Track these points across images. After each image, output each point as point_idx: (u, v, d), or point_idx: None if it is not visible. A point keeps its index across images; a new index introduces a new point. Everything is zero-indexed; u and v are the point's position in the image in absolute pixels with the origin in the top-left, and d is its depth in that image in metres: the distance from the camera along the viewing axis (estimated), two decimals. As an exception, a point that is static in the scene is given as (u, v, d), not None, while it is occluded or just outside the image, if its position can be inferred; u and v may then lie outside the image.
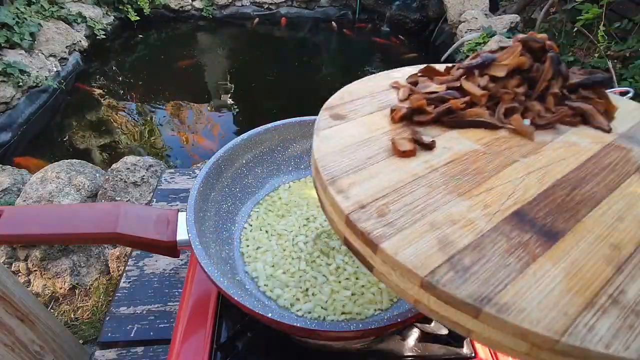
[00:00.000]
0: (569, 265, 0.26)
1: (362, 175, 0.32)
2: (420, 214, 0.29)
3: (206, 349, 0.46)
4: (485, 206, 0.30)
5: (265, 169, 0.66)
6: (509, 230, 0.28)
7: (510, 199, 0.31)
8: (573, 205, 0.31)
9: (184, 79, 3.12)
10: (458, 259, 0.25)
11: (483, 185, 0.32)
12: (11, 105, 2.30)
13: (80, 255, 1.44)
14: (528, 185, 0.32)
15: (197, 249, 0.44)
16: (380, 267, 0.27)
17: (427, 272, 0.24)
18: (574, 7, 2.57)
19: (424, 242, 0.26)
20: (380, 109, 0.42)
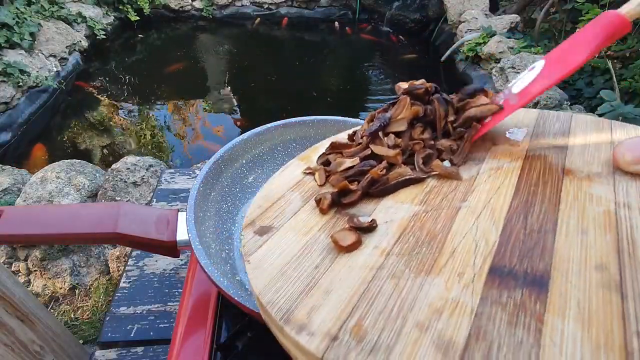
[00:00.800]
0: (578, 313, 0.24)
1: (316, 294, 0.28)
2: (401, 317, 0.25)
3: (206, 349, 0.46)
4: (460, 275, 0.28)
5: (265, 169, 0.66)
6: (497, 295, 0.26)
7: (478, 255, 0.29)
8: (536, 237, 0.30)
9: (184, 79, 3.13)
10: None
11: (444, 250, 0.30)
12: (11, 105, 2.30)
13: (80, 255, 1.44)
14: (485, 232, 0.31)
15: (197, 249, 0.44)
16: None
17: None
18: (574, 7, 2.57)
19: (423, 355, 0.23)
20: (304, 202, 0.39)
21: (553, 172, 0.37)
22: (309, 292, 0.28)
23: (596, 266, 0.27)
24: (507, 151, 0.41)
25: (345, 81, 3.24)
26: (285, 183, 0.43)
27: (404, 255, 0.30)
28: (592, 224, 0.30)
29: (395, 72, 3.34)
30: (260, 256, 0.33)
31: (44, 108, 2.52)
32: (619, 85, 2.06)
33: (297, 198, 0.40)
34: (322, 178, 0.41)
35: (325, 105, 2.88)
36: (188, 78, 3.16)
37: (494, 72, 2.53)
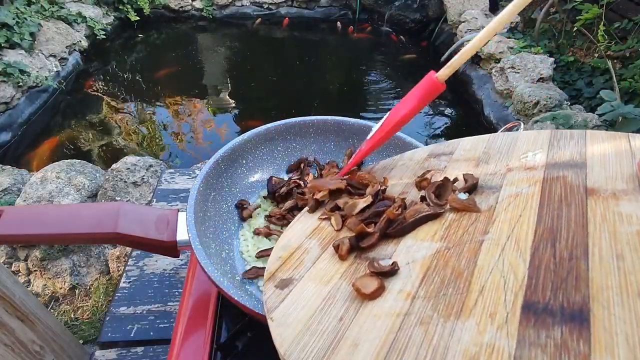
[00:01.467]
0: (628, 350, 0.21)
1: (344, 349, 0.27)
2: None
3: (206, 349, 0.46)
4: (491, 315, 0.26)
5: (265, 169, 0.66)
6: (535, 336, 0.24)
7: (508, 292, 0.27)
8: (568, 266, 0.28)
9: (184, 79, 3.12)
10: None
11: (472, 288, 0.28)
12: (11, 105, 2.30)
13: (80, 255, 1.44)
14: (512, 265, 0.29)
15: (197, 249, 0.44)
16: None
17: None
18: (574, 7, 2.57)
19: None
20: (322, 249, 0.38)
21: (575, 193, 0.34)
22: (335, 347, 0.27)
23: (639, 294, 0.25)
24: (523, 177, 0.39)
25: (345, 81, 3.24)
26: (301, 231, 0.42)
27: (430, 298, 0.29)
28: (627, 247, 0.28)
29: (395, 72, 3.34)
30: (283, 311, 0.32)
31: (44, 108, 2.52)
32: (619, 85, 2.06)
33: (315, 246, 0.39)
34: (338, 223, 0.41)
35: (326, 105, 2.88)
36: (188, 78, 3.15)
37: (494, 72, 2.53)
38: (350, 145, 0.67)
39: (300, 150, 0.68)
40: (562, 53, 2.67)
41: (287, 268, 0.37)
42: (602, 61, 2.31)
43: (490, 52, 2.63)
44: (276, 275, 0.36)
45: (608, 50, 2.41)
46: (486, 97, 2.55)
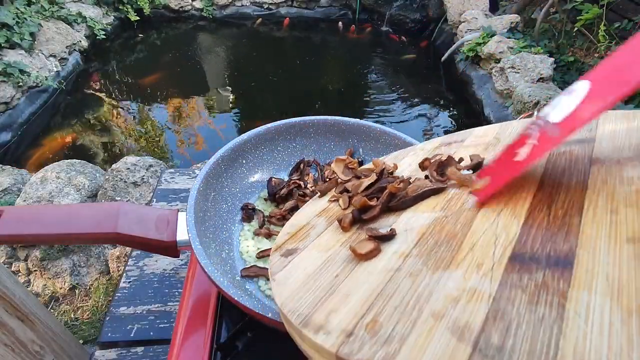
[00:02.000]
0: (607, 286, 0.22)
1: (336, 298, 0.28)
2: (416, 309, 0.25)
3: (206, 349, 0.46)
4: (478, 266, 0.27)
5: (265, 169, 0.66)
6: (517, 279, 0.24)
7: (498, 246, 0.28)
8: (561, 221, 0.28)
9: (184, 79, 3.12)
10: (485, 341, 0.21)
11: (463, 246, 0.29)
12: (11, 105, 2.30)
13: (80, 255, 1.44)
14: (506, 225, 0.30)
15: (197, 249, 0.44)
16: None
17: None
18: (574, 7, 2.57)
19: (437, 341, 0.22)
20: (328, 224, 0.40)
21: (579, 164, 0.34)
22: (328, 298, 0.29)
23: (628, 239, 0.24)
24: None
25: (345, 81, 3.24)
26: (311, 211, 0.44)
27: (422, 256, 0.30)
28: (623, 203, 0.28)
29: (395, 72, 3.34)
30: (285, 274, 0.34)
31: (44, 108, 2.52)
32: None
33: (322, 222, 0.41)
34: (345, 202, 0.42)
35: (326, 105, 2.88)
36: (188, 78, 3.16)
37: (494, 72, 2.53)
38: (350, 145, 0.67)
39: (300, 150, 0.68)
40: (562, 53, 2.67)
41: (293, 240, 0.39)
42: (602, 61, 2.31)
43: (490, 52, 2.63)
44: (282, 247, 0.38)
45: (608, 50, 2.41)
46: (486, 97, 2.55)
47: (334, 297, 0.29)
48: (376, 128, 0.64)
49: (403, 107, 2.86)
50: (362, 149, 0.66)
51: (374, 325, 0.25)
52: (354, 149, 0.67)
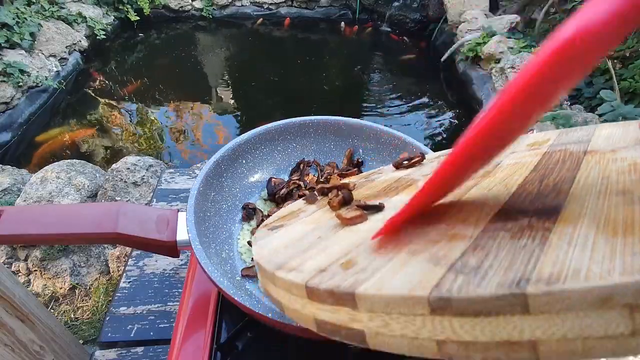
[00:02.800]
0: (592, 221, 0.21)
1: (313, 251, 0.28)
2: (394, 251, 0.24)
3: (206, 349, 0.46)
4: (464, 220, 0.26)
5: (265, 169, 0.66)
6: (502, 226, 0.23)
7: (485, 209, 0.27)
8: (551, 188, 0.27)
9: (184, 79, 3.12)
10: (461, 264, 0.20)
11: (448, 212, 0.28)
12: (11, 105, 2.30)
13: (80, 255, 1.44)
14: (496, 194, 0.29)
15: (197, 249, 0.44)
16: (370, 324, 0.20)
17: (430, 288, 0.18)
18: (574, 7, 2.57)
19: (411, 268, 0.21)
20: (319, 208, 0.40)
21: (574, 155, 0.34)
22: (306, 251, 0.28)
23: (617, 192, 0.24)
24: (526, 153, 0.39)
25: (345, 81, 3.24)
26: (301, 201, 0.45)
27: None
28: (615, 173, 0.27)
29: (395, 72, 3.34)
30: (268, 240, 0.34)
31: (44, 108, 2.52)
32: (619, 85, 2.06)
33: (313, 208, 0.41)
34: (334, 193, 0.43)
35: (326, 105, 2.88)
36: (188, 78, 3.16)
37: (494, 72, 2.53)
38: (350, 145, 0.67)
39: (301, 150, 0.68)
40: (562, 53, 2.67)
41: (282, 220, 0.39)
42: (602, 61, 2.31)
43: (490, 52, 2.63)
44: (269, 225, 0.39)
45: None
46: (486, 97, 2.55)
47: (312, 250, 0.28)
48: (376, 128, 0.64)
49: (403, 107, 2.86)
50: (362, 149, 0.66)
51: (349, 264, 0.24)
52: (354, 149, 0.67)
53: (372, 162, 0.66)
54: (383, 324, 0.20)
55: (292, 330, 0.39)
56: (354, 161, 0.66)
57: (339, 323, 0.22)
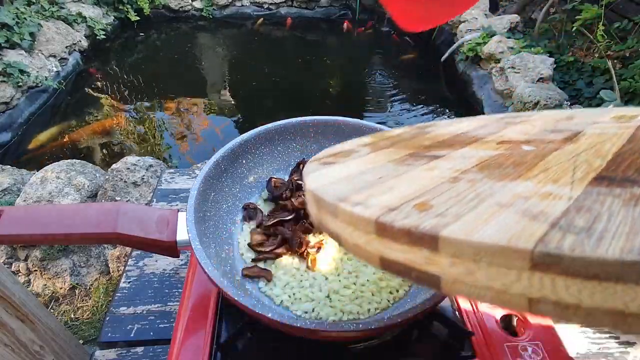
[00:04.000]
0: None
1: (377, 189, 0.25)
2: (476, 200, 0.21)
3: (206, 349, 0.46)
4: (554, 181, 0.23)
5: (265, 169, 0.66)
6: (607, 191, 0.20)
7: (578, 171, 0.24)
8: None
9: (184, 79, 3.12)
10: (565, 223, 0.18)
11: (534, 168, 0.25)
12: (11, 105, 2.30)
13: (80, 255, 1.44)
14: (588, 160, 0.26)
15: (197, 249, 0.44)
16: (450, 270, 0.19)
17: (534, 242, 0.16)
18: (574, 7, 2.57)
19: (503, 219, 0.19)
20: (375, 150, 0.36)
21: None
22: (369, 188, 0.25)
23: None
24: (611, 125, 0.35)
25: (345, 81, 3.24)
26: (357, 142, 0.41)
27: (483, 171, 0.26)
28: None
29: (395, 71, 3.34)
30: (321, 173, 0.31)
31: (44, 108, 2.52)
32: (619, 85, 2.06)
33: (367, 150, 0.37)
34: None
35: (326, 105, 2.88)
36: (188, 78, 3.16)
37: (494, 72, 2.53)
38: (350, 145, 0.67)
39: (301, 150, 0.68)
40: (562, 53, 2.67)
41: (334, 158, 0.36)
42: (602, 61, 2.31)
43: (491, 52, 2.63)
44: (322, 159, 0.35)
45: (608, 50, 2.41)
46: (486, 97, 2.55)
47: (376, 188, 0.25)
48: (376, 128, 0.64)
49: (403, 107, 2.86)
50: (362, 149, 0.66)
51: (424, 206, 0.21)
52: (354, 149, 0.67)
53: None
54: (466, 272, 0.18)
55: (292, 330, 0.39)
56: None
57: (411, 264, 0.21)
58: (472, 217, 0.20)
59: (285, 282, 0.51)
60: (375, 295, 0.49)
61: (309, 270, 0.52)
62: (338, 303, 0.48)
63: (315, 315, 0.48)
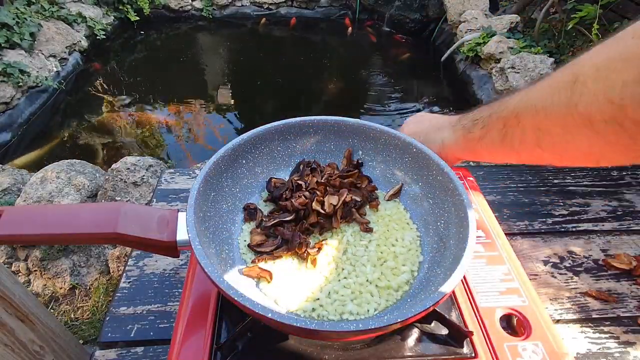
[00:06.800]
0: None
1: None
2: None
3: (206, 349, 0.45)
4: None
5: (265, 169, 0.66)
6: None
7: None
8: None
9: (184, 80, 3.12)
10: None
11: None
12: (11, 105, 2.30)
13: (80, 255, 1.44)
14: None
15: (197, 249, 0.44)
16: None
17: None
18: (574, 7, 2.57)
19: None
20: None
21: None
22: None
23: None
24: None
25: (345, 81, 3.24)
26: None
27: None
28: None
29: (395, 71, 3.34)
30: None
31: (44, 108, 2.52)
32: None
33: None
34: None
35: (326, 105, 2.88)
36: (188, 78, 3.15)
37: (494, 72, 2.53)
38: (350, 145, 0.67)
39: (301, 150, 0.68)
40: (562, 53, 2.67)
41: None
42: (602, 61, 2.30)
43: (490, 52, 2.63)
44: None
45: (608, 50, 2.41)
46: (486, 97, 2.55)
47: None
48: (376, 128, 0.64)
49: (403, 107, 2.86)
50: (362, 149, 0.66)
51: None
52: (354, 150, 0.67)
53: (372, 163, 0.66)
54: None
55: (292, 330, 0.39)
56: (353, 162, 0.66)
57: None
58: None
59: (285, 282, 0.51)
60: (375, 296, 0.49)
61: (309, 271, 0.52)
62: (338, 303, 0.48)
63: (315, 315, 0.48)
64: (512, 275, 0.51)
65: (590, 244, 0.73)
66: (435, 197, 0.55)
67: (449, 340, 0.47)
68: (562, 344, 0.44)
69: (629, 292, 0.65)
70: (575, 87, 0.34)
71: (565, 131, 0.36)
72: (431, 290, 0.43)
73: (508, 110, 0.44)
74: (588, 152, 0.36)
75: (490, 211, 0.59)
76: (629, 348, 0.57)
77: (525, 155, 0.44)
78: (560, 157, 0.40)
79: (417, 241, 0.55)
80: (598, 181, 0.86)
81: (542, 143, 0.40)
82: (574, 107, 0.34)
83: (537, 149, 0.41)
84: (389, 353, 0.46)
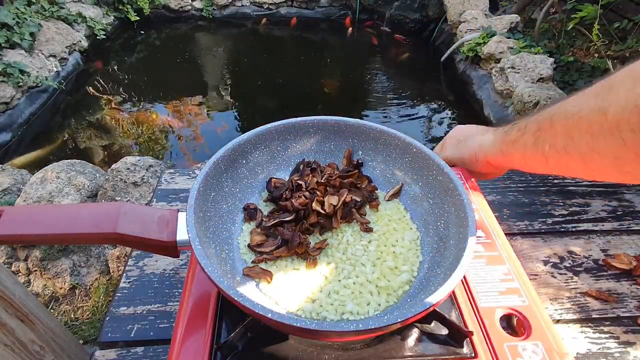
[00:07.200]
0: None
1: None
2: None
3: (206, 349, 0.45)
4: None
5: (265, 169, 0.66)
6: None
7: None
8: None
9: (184, 80, 3.12)
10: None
11: None
12: (11, 105, 2.30)
13: (80, 255, 1.44)
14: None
15: (197, 249, 0.44)
16: None
17: None
18: (574, 7, 2.57)
19: None
20: None
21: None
22: None
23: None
24: None
25: (345, 81, 3.24)
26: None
27: None
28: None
29: (396, 72, 3.34)
30: None
31: (44, 108, 2.52)
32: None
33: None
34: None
35: (326, 105, 2.88)
36: (188, 78, 3.16)
37: (493, 72, 2.53)
38: (350, 145, 0.67)
39: (301, 150, 0.68)
40: (562, 53, 2.67)
41: None
42: (602, 61, 2.31)
43: (490, 52, 2.63)
44: None
45: (608, 50, 2.41)
46: (486, 97, 2.55)
47: None
48: (376, 128, 0.64)
49: (403, 107, 2.86)
50: (362, 149, 0.66)
51: None
52: (354, 150, 0.67)
53: (372, 162, 0.66)
54: None
55: (292, 330, 0.39)
56: (353, 162, 0.66)
57: None
58: None
59: (285, 282, 0.51)
60: (375, 296, 0.49)
61: (309, 271, 0.52)
62: (338, 303, 0.48)
63: (315, 316, 0.48)
64: (512, 275, 0.51)
65: (590, 244, 0.73)
66: (435, 197, 0.55)
67: (449, 340, 0.47)
68: (562, 344, 0.44)
69: (629, 292, 0.65)
70: (609, 93, 0.35)
71: (593, 138, 0.37)
72: (431, 290, 0.43)
73: (544, 115, 0.45)
74: (613, 162, 0.37)
75: (490, 211, 0.59)
76: (629, 348, 0.57)
77: (552, 161, 0.44)
78: (586, 165, 0.40)
79: (417, 241, 0.55)
80: (598, 181, 0.86)
81: (570, 148, 0.41)
82: (604, 113, 0.35)
83: (565, 155, 0.41)
84: (389, 353, 0.46)
